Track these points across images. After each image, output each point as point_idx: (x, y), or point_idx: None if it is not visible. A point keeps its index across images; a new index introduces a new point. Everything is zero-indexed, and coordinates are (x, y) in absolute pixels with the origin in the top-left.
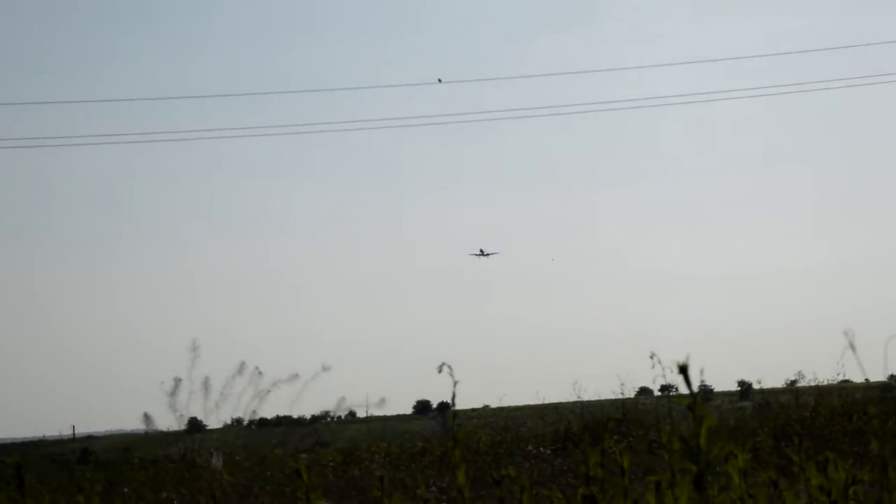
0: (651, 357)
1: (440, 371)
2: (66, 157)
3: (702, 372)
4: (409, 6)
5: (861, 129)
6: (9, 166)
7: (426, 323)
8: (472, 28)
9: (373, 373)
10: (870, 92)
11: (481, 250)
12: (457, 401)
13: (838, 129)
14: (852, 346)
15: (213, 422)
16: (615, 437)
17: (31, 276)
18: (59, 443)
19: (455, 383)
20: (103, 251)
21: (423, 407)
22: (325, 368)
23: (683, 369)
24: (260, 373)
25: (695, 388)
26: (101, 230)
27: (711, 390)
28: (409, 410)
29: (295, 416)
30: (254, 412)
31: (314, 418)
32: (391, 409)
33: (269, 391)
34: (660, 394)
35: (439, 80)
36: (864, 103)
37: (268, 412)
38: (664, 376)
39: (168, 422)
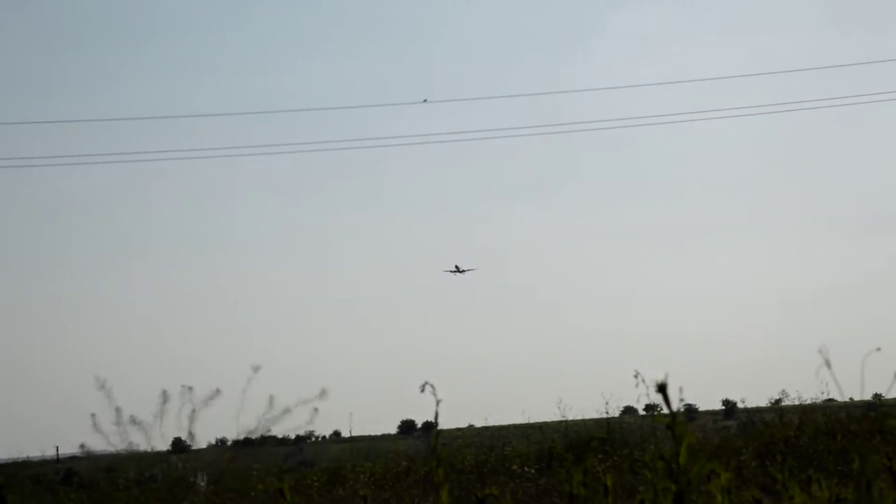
0: (635, 376)
1: (423, 390)
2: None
3: (681, 390)
4: (395, 26)
5: (841, 150)
6: None
7: (411, 342)
8: (459, 48)
9: (356, 392)
10: (850, 112)
11: (457, 267)
12: (441, 420)
13: (818, 149)
14: (827, 363)
15: (197, 442)
16: (599, 456)
17: (10, 295)
18: (42, 463)
19: (438, 402)
20: (86, 266)
21: (407, 426)
22: (254, 369)
23: (662, 388)
24: (190, 389)
25: (675, 406)
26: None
27: (696, 409)
28: (393, 430)
29: (279, 436)
30: (190, 431)
31: (298, 438)
32: (376, 429)
33: (194, 410)
34: (644, 413)
35: (425, 101)
36: (842, 123)
37: (222, 430)
38: (647, 395)
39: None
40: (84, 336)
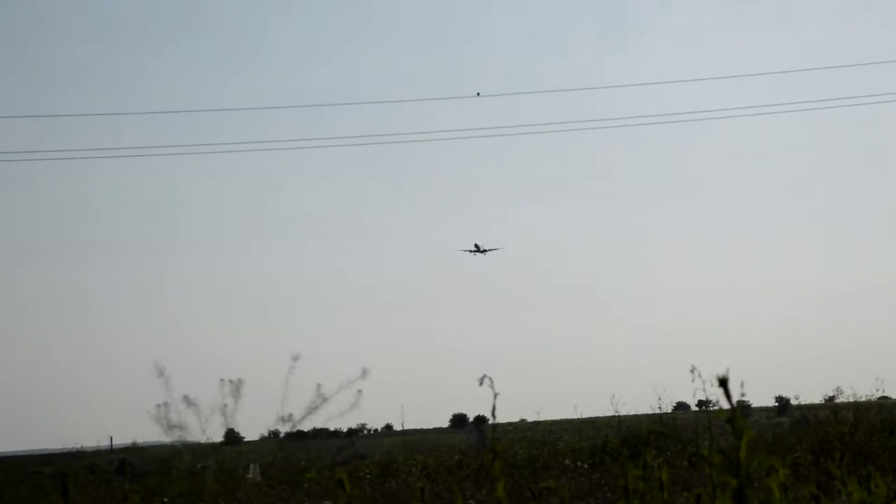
0: (692, 371)
1: (481, 383)
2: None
3: (742, 385)
4: (448, 20)
5: None
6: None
7: (463, 336)
8: (511, 42)
9: (408, 386)
10: None
11: (476, 246)
12: (495, 413)
13: (875, 143)
14: None
15: (250, 434)
16: (653, 451)
17: (65, 286)
18: (96, 454)
19: (495, 395)
20: (130, 261)
21: (459, 420)
22: (294, 358)
23: (723, 382)
24: (230, 381)
25: (735, 401)
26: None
27: (749, 406)
28: (445, 423)
29: (332, 429)
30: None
31: (350, 431)
32: (427, 423)
33: (226, 406)
34: (697, 409)
35: (478, 94)
36: None
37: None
38: (704, 390)
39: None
40: (134, 329)
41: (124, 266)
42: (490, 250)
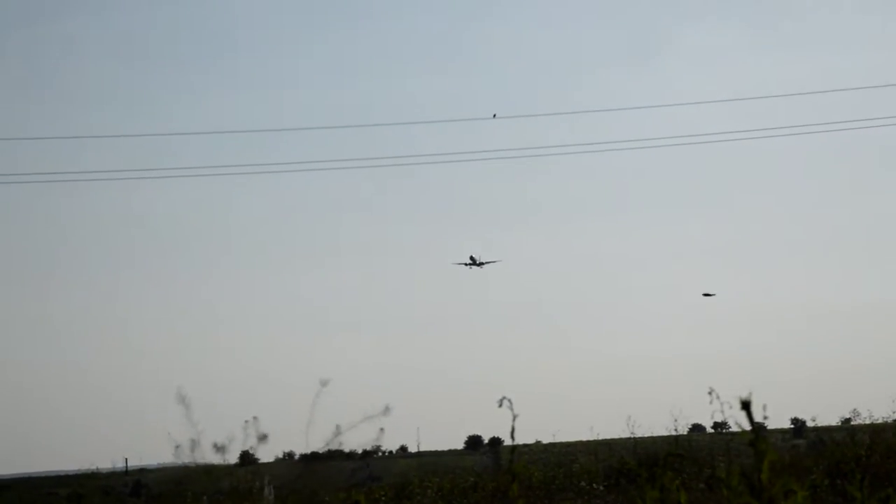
0: (710, 392)
1: (500, 405)
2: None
3: (765, 408)
4: (466, 42)
5: None
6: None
7: (477, 358)
8: (528, 64)
9: (423, 407)
10: None
11: (472, 258)
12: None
13: (890, 166)
14: None
15: (265, 455)
16: (669, 473)
17: (83, 311)
18: (111, 475)
19: (515, 417)
20: (151, 287)
21: (474, 442)
22: (323, 383)
23: (746, 405)
24: (254, 419)
25: (757, 423)
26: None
27: (765, 427)
28: (460, 445)
29: (347, 451)
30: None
31: (365, 452)
32: (442, 445)
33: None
34: (713, 431)
35: (494, 116)
36: None
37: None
38: (722, 412)
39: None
40: (155, 351)
41: (141, 290)
42: (487, 263)
